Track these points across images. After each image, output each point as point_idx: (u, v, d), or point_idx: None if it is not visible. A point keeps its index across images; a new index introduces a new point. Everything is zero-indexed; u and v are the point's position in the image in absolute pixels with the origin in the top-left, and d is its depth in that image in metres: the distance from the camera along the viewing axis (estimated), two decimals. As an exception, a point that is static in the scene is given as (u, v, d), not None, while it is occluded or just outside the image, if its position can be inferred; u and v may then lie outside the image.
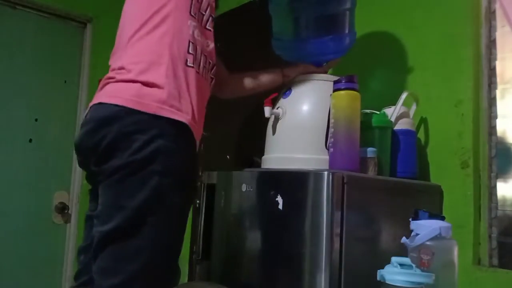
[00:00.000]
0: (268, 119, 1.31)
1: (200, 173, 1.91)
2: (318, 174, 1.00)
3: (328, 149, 1.14)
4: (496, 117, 1.28)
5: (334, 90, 1.14)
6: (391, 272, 0.85)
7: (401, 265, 0.86)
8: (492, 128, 1.28)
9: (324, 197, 0.98)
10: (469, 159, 1.24)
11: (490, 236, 1.23)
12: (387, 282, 0.84)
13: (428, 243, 0.92)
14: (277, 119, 1.27)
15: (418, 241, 0.92)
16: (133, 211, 0.90)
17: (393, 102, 1.31)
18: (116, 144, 0.92)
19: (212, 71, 1.17)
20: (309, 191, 1.02)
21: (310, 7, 1.27)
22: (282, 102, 1.29)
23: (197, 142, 1.06)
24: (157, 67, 0.99)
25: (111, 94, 0.99)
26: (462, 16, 1.31)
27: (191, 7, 1.06)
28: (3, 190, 2.15)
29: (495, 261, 1.22)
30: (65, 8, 2.34)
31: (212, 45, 1.14)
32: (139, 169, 0.91)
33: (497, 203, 1.25)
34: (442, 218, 0.99)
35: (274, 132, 1.28)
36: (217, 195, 1.28)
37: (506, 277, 1.15)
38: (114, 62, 1.07)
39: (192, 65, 1.05)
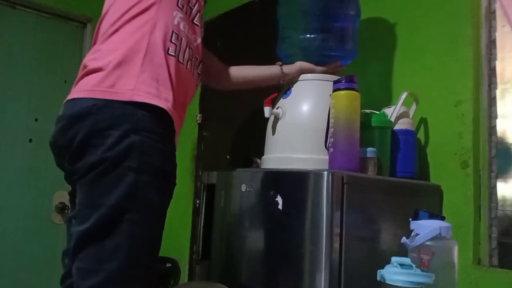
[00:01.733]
0: (268, 119, 1.31)
1: (199, 173, 1.91)
2: (318, 174, 1.00)
3: (328, 149, 1.14)
4: (496, 117, 1.28)
5: (334, 90, 1.13)
6: (391, 272, 0.85)
7: (401, 265, 0.86)
8: (492, 128, 1.28)
9: (324, 197, 0.98)
10: (469, 159, 1.25)
11: (490, 236, 1.23)
12: (387, 282, 0.84)
13: (428, 243, 0.92)
14: (277, 119, 1.27)
15: (418, 241, 0.92)
16: (110, 208, 0.87)
17: (393, 102, 1.31)
18: (89, 140, 0.89)
19: (199, 67, 1.13)
20: (309, 191, 1.02)
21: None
22: (282, 102, 1.29)
23: (177, 134, 1.01)
24: (134, 54, 0.95)
25: (81, 88, 0.97)
26: (462, 16, 1.31)
27: None
28: (3, 190, 2.15)
29: (495, 261, 1.22)
30: (65, 8, 2.34)
31: (199, 40, 1.11)
32: (114, 166, 0.88)
33: (497, 203, 1.25)
34: (442, 218, 0.99)
35: (274, 132, 1.28)
36: (217, 195, 1.28)
37: (506, 277, 1.15)
38: (89, 55, 1.03)
39: (173, 54, 1.00)
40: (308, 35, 1.29)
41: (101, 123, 0.90)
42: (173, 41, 1.01)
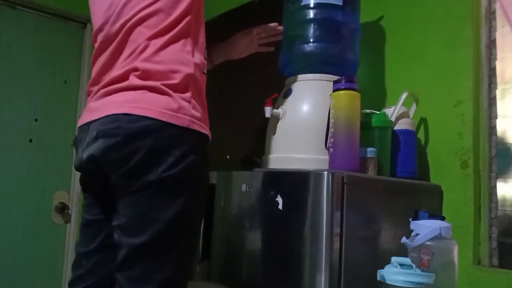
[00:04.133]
0: (268, 119, 1.31)
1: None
2: (318, 174, 1.00)
3: (328, 149, 1.14)
4: (496, 117, 1.28)
5: (334, 90, 1.14)
6: (391, 272, 0.85)
7: (401, 265, 0.86)
8: (492, 128, 1.28)
9: (324, 197, 0.98)
10: (469, 159, 1.25)
11: (490, 236, 1.23)
12: (387, 282, 0.84)
13: (428, 243, 0.92)
14: (277, 119, 1.27)
15: (418, 241, 0.92)
16: (166, 224, 0.91)
17: (393, 102, 1.31)
18: (150, 158, 0.92)
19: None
20: (309, 191, 1.02)
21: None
22: (282, 102, 1.29)
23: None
24: (182, 77, 0.97)
25: (137, 105, 0.94)
26: (462, 16, 1.31)
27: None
28: (3, 190, 2.15)
29: (495, 261, 1.23)
30: (65, 8, 2.34)
31: None
32: (172, 185, 0.92)
33: (497, 203, 1.25)
34: (442, 218, 0.99)
35: (274, 132, 1.28)
36: (217, 195, 1.28)
37: (506, 277, 1.15)
38: (121, 63, 0.99)
39: (205, 71, 1.05)
40: (309, 44, 1.29)
41: (162, 141, 0.92)
42: (206, 57, 1.05)
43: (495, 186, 1.25)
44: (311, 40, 1.29)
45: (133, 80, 0.95)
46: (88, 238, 1.08)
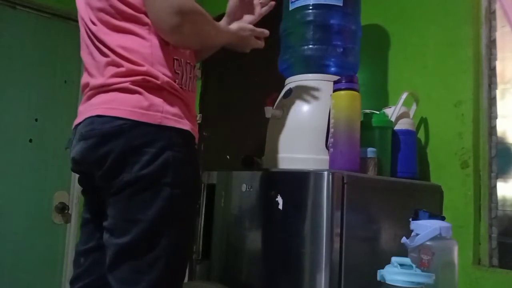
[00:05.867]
0: (268, 119, 1.31)
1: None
2: (318, 174, 1.00)
3: (328, 149, 1.14)
4: (496, 117, 1.28)
5: (334, 90, 1.14)
6: (391, 272, 0.85)
7: (401, 265, 0.86)
8: (492, 128, 1.28)
9: (324, 197, 0.98)
10: (469, 159, 1.25)
11: (490, 236, 1.23)
12: (387, 282, 0.84)
13: (428, 243, 0.92)
14: (277, 119, 1.27)
15: (418, 241, 0.92)
16: (148, 223, 0.91)
17: (393, 102, 1.31)
18: (124, 158, 0.91)
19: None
20: (309, 191, 1.02)
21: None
22: (282, 102, 1.29)
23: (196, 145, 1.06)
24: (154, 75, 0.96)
25: (110, 105, 0.95)
26: (462, 16, 1.31)
27: None
28: (3, 190, 2.15)
29: (495, 261, 1.22)
30: (65, 8, 2.33)
31: None
32: (150, 183, 0.91)
33: (497, 203, 1.25)
34: (442, 218, 0.99)
35: (274, 132, 1.28)
36: (217, 195, 1.28)
37: (506, 277, 1.15)
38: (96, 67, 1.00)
39: (190, 63, 1.05)
40: (310, 46, 1.29)
41: (135, 140, 0.92)
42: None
43: (495, 186, 1.25)
44: (311, 41, 1.29)
45: (107, 81, 0.97)
46: (86, 237, 1.09)
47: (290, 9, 1.34)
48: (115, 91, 0.95)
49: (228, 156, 2.09)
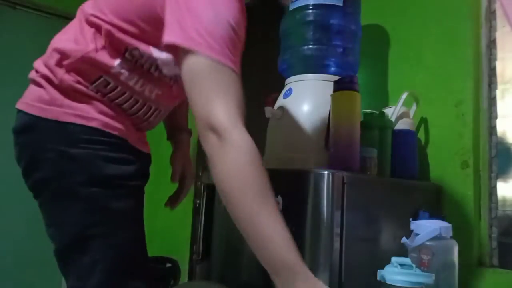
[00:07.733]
0: (268, 119, 1.31)
1: (199, 173, 1.91)
2: (318, 174, 1.00)
3: (328, 149, 1.14)
4: (496, 117, 1.28)
5: (334, 90, 1.13)
6: (391, 272, 0.85)
7: (401, 265, 0.86)
8: (492, 128, 1.28)
9: (324, 197, 0.98)
10: (469, 159, 1.25)
11: (490, 236, 1.23)
12: (387, 282, 0.84)
13: (428, 243, 0.92)
14: (277, 119, 1.27)
15: (418, 241, 0.92)
16: (72, 226, 0.85)
17: (393, 102, 1.31)
18: (30, 158, 0.87)
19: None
20: (309, 191, 1.02)
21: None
22: (282, 102, 1.29)
23: (133, 136, 0.93)
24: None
25: (21, 99, 0.93)
26: (462, 16, 1.31)
27: None
28: (3, 190, 2.15)
29: (495, 261, 1.22)
30: (65, 8, 2.33)
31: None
32: (62, 184, 0.85)
33: (497, 203, 1.25)
34: (442, 218, 0.99)
35: (274, 132, 1.28)
36: (217, 195, 1.28)
37: (506, 277, 1.15)
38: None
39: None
40: (310, 46, 1.29)
41: (36, 138, 0.87)
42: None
43: (495, 186, 1.25)
44: (311, 41, 1.29)
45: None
46: None
47: (290, 9, 1.34)
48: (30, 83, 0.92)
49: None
